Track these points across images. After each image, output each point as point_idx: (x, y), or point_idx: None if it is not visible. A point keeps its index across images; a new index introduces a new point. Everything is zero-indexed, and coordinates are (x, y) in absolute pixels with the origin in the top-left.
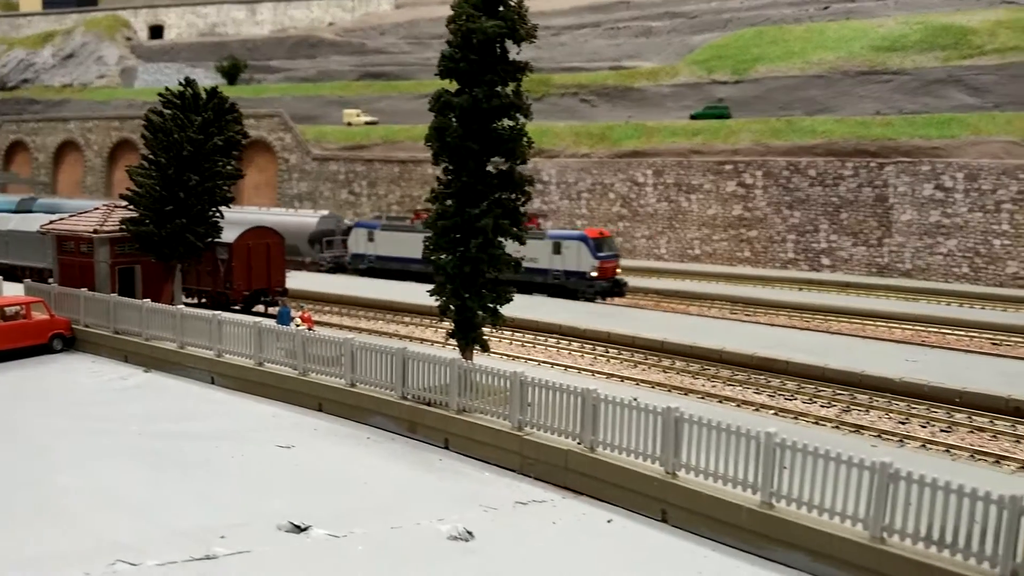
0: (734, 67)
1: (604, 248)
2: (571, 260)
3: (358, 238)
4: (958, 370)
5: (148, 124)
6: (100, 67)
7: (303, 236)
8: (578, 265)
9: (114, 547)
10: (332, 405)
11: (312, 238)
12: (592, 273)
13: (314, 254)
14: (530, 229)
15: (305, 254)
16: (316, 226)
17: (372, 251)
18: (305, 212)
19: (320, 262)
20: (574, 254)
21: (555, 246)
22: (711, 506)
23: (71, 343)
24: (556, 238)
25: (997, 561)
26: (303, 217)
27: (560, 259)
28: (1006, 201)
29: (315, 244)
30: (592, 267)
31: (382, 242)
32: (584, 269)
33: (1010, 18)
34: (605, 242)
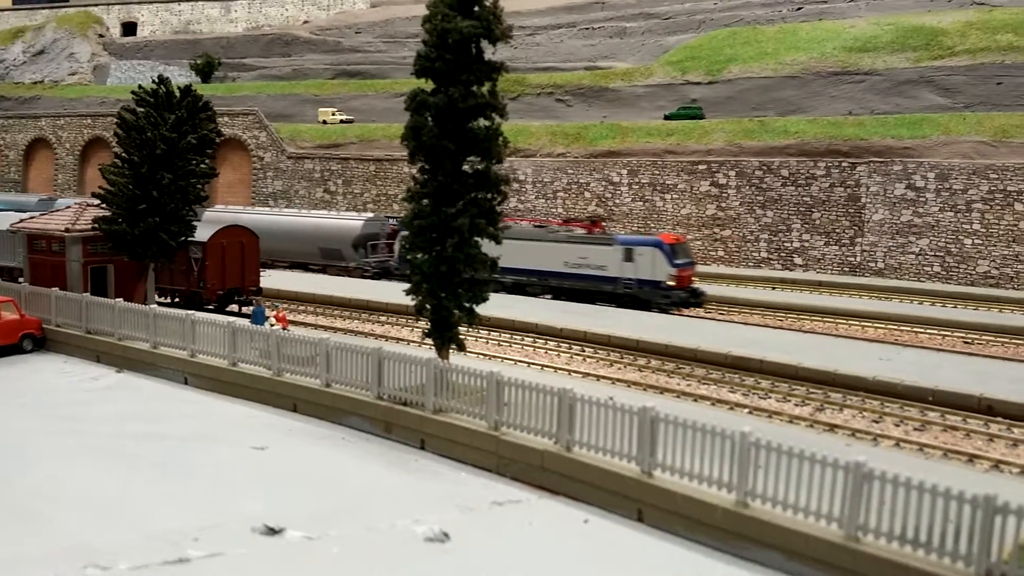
0: (708, 68)
1: (680, 255)
2: (644, 268)
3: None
4: (930, 369)
5: (121, 122)
6: (72, 64)
7: (347, 240)
8: (652, 274)
9: (86, 550)
10: (307, 406)
11: (357, 242)
12: (669, 282)
13: (359, 259)
14: (596, 234)
15: (349, 259)
16: (361, 229)
17: None
18: (348, 214)
19: (365, 267)
20: (648, 261)
21: (626, 253)
22: (687, 506)
23: (42, 343)
24: (627, 244)
25: (972, 560)
26: (347, 220)
27: (632, 267)
28: (977, 201)
29: (360, 248)
30: (668, 275)
31: None
32: (659, 278)
33: (980, 19)
34: (681, 248)
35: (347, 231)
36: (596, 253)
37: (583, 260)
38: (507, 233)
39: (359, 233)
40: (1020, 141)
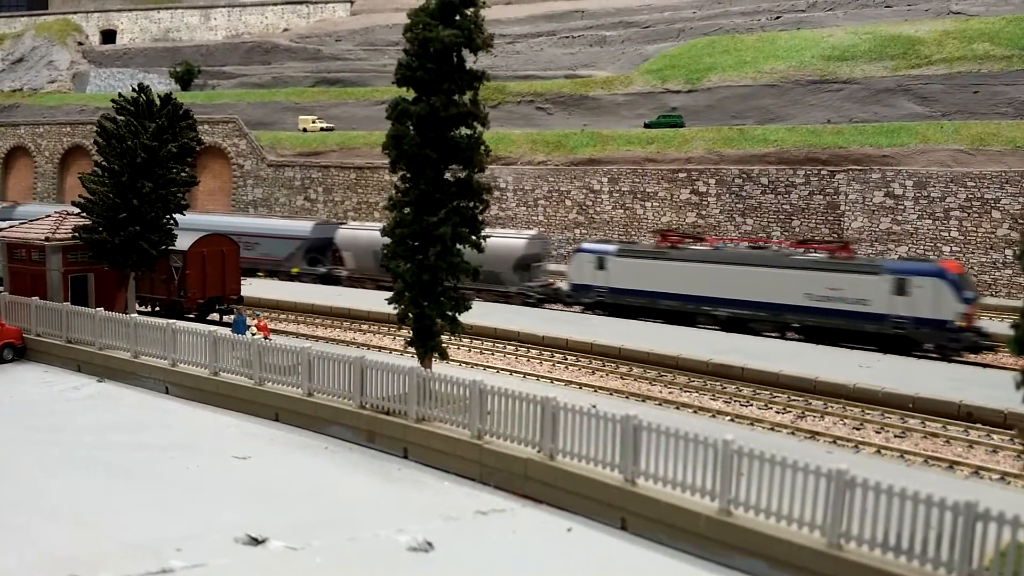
0: (687, 76)
1: (966, 286)
2: (924, 303)
3: (581, 265)
4: (910, 376)
5: (101, 130)
6: (51, 72)
7: (507, 261)
8: (935, 311)
9: (68, 562)
10: (289, 415)
11: (519, 264)
12: (957, 322)
13: (521, 283)
14: (851, 260)
15: (509, 283)
16: (525, 249)
17: (603, 282)
18: (507, 231)
19: (527, 293)
20: (928, 295)
21: (897, 284)
22: (670, 514)
23: (22, 353)
24: (900, 273)
25: (954, 566)
26: (507, 238)
27: (906, 302)
28: (955, 208)
29: (522, 271)
30: (957, 313)
31: (618, 271)
32: (945, 316)
33: (957, 28)
34: (965, 279)
35: (508, 251)
36: (854, 283)
37: (834, 292)
38: (718, 256)
39: (523, 253)
40: (997, 149)
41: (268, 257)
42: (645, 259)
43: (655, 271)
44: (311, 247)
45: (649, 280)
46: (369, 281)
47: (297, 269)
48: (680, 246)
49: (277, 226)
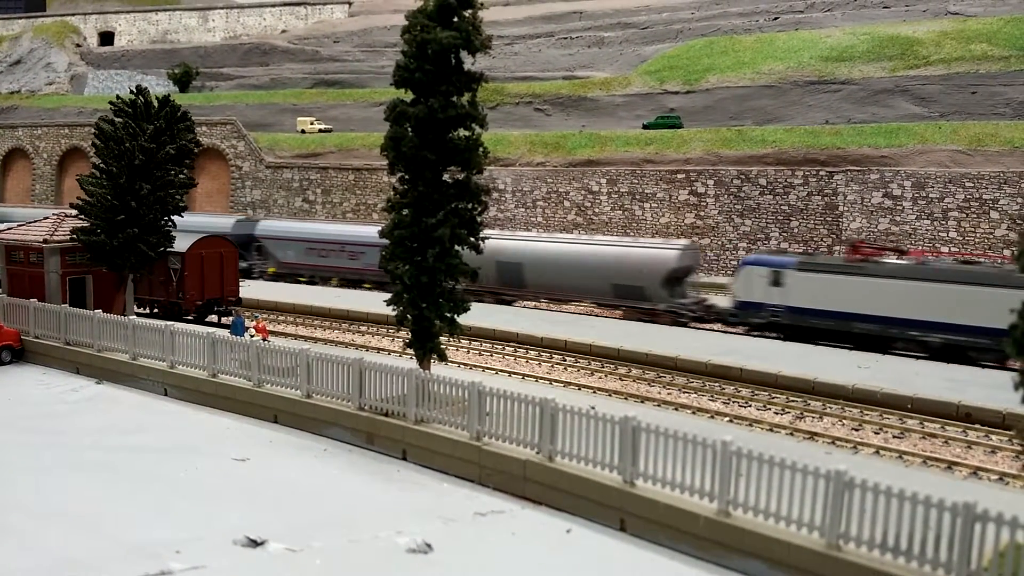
0: (685, 77)
1: None
2: None
3: (751, 280)
4: (908, 377)
5: (99, 132)
6: (49, 74)
7: (656, 275)
8: None
9: (67, 564)
10: (288, 417)
11: (670, 278)
12: None
13: (670, 300)
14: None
15: (656, 299)
16: (677, 261)
17: (779, 300)
18: (653, 241)
19: (679, 311)
20: None
21: None
22: (669, 515)
23: (20, 355)
24: None
25: (952, 567)
26: (655, 248)
27: None
28: (953, 209)
29: (672, 286)
30: None
31: (799, 287)
32: None
33: (955, 29)
34: None
35: (657, 264)
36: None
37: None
38: (927, 272)
39: (675, 266)
40: (995, 150)
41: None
42: (835, 275)
43: (847, 289)
44: None
45: (840, 299)
46: (489, 294)
47: None
48: (877, 260)
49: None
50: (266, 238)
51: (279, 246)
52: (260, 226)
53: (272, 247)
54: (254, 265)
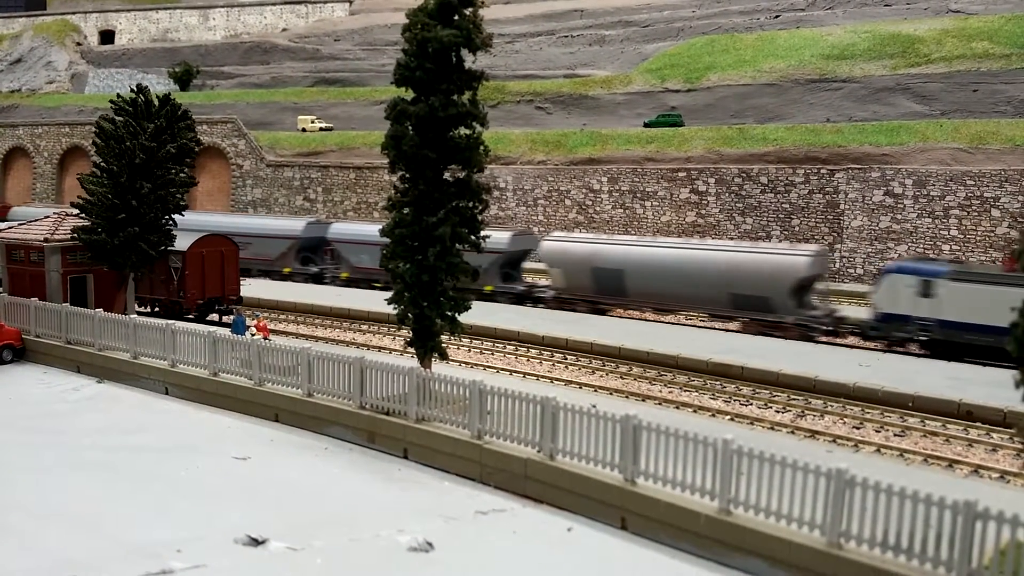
0: (686, 75)
1: None
2: None
3: (896, 289)
4: (910, 375)
5: (100, 131)
6: (50, 72)
7: (783, 284)
8: None
9: (68, 564)
10: (289, 415)
11: (799, 287)
12: None
13: (799, 311)
14: None
15: (783, 310)
16: (808, 269)
17: (929, 313)
18: (777, 246)
19: (810, 324)
20: None
21: None
22: (670, 513)
23: (21, 354)
24: None
25: (953, 566)
26: (781, 254)
27: None
28: (954, 207)
29: (800, 295)
30: None
31: (954, 299)
32: None
33: (956, 27)
34: None
35: (784, 272)
36: None
37: None
38: None
39: (805, 275)
40: (996, 148)
41: None
42: (997, 286)
43: (1013, 302)
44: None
45: (1004, 314)
46: (583, 303)
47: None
48: None
49: None
50: (339, 242)
51: (353, 250)
52: (333, 229)
53: (345, 251)
54: (325, 270)
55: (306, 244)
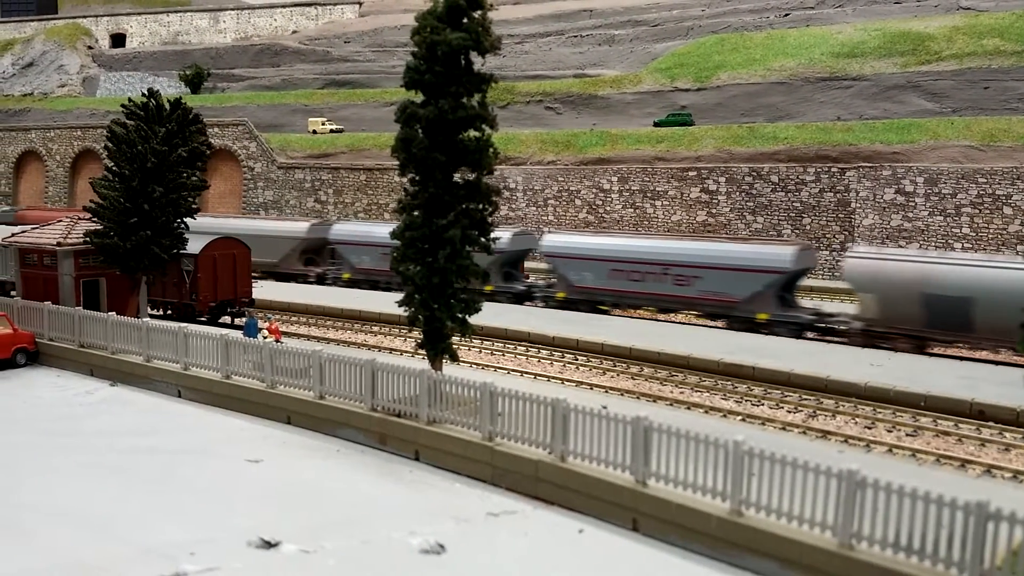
0: (696, 74)
1: None
2: None
3: None
4: (921, 374)
5: (111, 135)
6: (61, 76)
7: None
8: None
9: (80, 566)
10: (301, 418)
11: None
12: None
13: None
14: None
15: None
16: None
17: None
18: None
19: None
20: None
21: None
22: (681, 515)
23: (35, 357)
24: None
25: (965, 567)
26: (1002, 266)
27: None
28: (966, 205)
29: None
30: None
31: None
32: None
33: (966, 24)
34: None
35: None
36: None
37: None
38: None
39: None
40: (1008, 145)
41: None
42: None
43: None
44: None
45: None
46: (904, 339)
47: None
48: None
49: None
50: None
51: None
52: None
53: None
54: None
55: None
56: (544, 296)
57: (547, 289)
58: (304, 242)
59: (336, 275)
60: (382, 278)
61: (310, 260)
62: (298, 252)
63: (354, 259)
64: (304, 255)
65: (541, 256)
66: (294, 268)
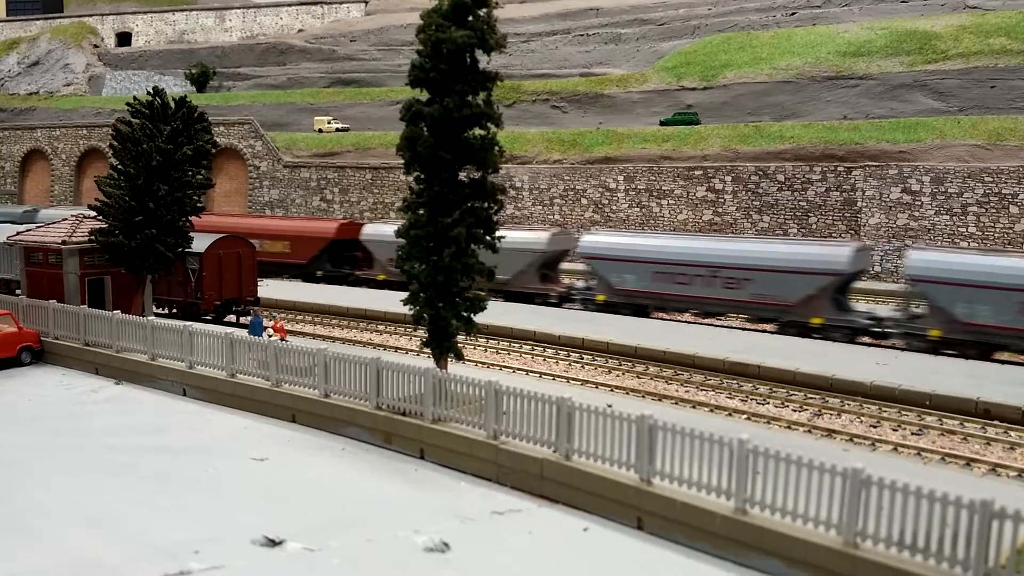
0: (703, 73)
1: None
2: None
3: None
4: (927, 373)
5: (116, 134)
6: (67, 75)
7: None
8: None
9: (86, 564)
10: (306, 416)
11: None
12: None
13: None
14: None
15: None
16: None
17: None
18: None
19: None
20: None
21: None
22: (686, 513)
23: (40, 356)
24: None
25: (970, 565)
26: None
27: None
28: (972, 204)
29: None
30: None
31: None
32: None
33: (973, 23)
34: None
35: None
36: None
37: None
38: None
39: None
40: (1015, 144)
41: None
42: None
43: None
44: None
45: None
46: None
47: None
48: None
49: None
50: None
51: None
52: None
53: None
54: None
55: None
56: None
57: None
58: (542, 255)
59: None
60: (659, 301)
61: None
62: (535, 267)
63: (613, 278)
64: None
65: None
66: (529, 286)
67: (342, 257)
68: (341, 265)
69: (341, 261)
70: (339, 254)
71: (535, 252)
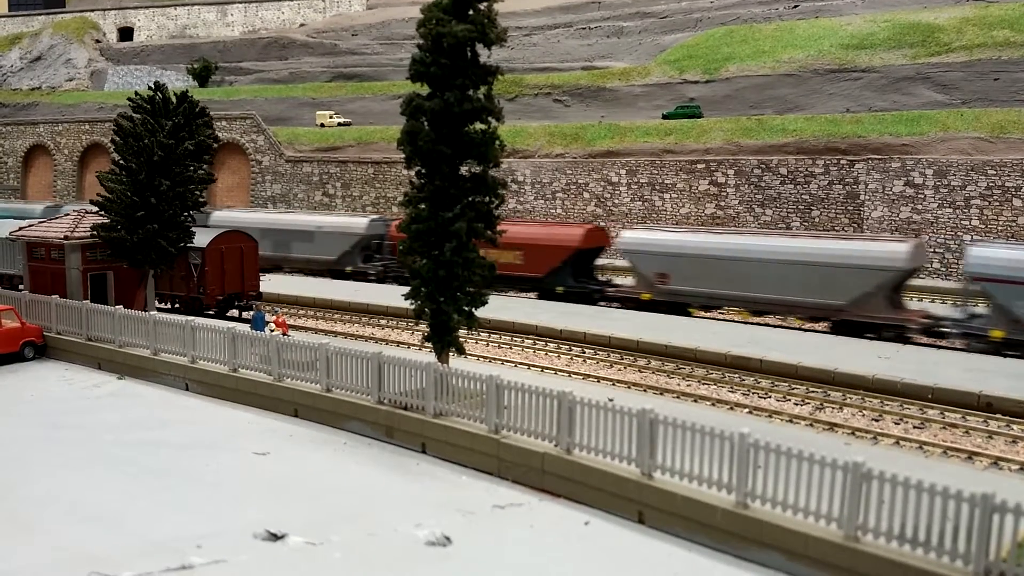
0: (705, 66)
1: None
2: None
3: None
4: (929, 367)
5: (118, 129)
6: (69, 69)
7: None
8: None
9: (88, 559)
10: (308, 411)
11: None
12: None
13: None
14: None
15: None
16: None
17: None
18: None
19: None
20: None
21: None
22: (687, 507)
23: (43, 351)
24: None
25: (971, 559)
26: None
27: None
28: (975, 197)
29: None
30: None
31: None
32: None
33: (977, 15)
34: None
35: None
36: None
37: None
38: None
39: None
40: (1018, 137)
41: None
42: None
43: None
44: None
45: None
46: None
47: None
48: None
49: None
50: None
51: None
52: None
53: None
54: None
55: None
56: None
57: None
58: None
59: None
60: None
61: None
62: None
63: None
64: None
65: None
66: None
67: (586, 269)
68: (587, 279)
69: (586, 274)
70: (584, 266)
71: None
